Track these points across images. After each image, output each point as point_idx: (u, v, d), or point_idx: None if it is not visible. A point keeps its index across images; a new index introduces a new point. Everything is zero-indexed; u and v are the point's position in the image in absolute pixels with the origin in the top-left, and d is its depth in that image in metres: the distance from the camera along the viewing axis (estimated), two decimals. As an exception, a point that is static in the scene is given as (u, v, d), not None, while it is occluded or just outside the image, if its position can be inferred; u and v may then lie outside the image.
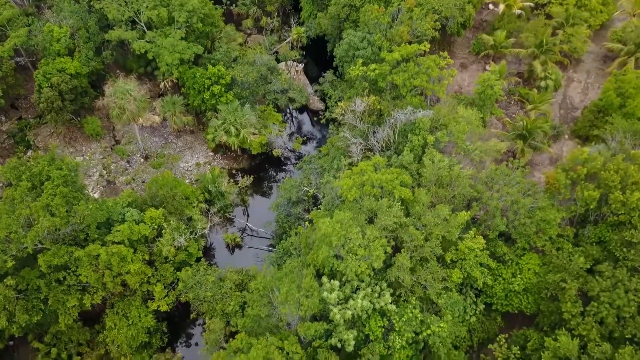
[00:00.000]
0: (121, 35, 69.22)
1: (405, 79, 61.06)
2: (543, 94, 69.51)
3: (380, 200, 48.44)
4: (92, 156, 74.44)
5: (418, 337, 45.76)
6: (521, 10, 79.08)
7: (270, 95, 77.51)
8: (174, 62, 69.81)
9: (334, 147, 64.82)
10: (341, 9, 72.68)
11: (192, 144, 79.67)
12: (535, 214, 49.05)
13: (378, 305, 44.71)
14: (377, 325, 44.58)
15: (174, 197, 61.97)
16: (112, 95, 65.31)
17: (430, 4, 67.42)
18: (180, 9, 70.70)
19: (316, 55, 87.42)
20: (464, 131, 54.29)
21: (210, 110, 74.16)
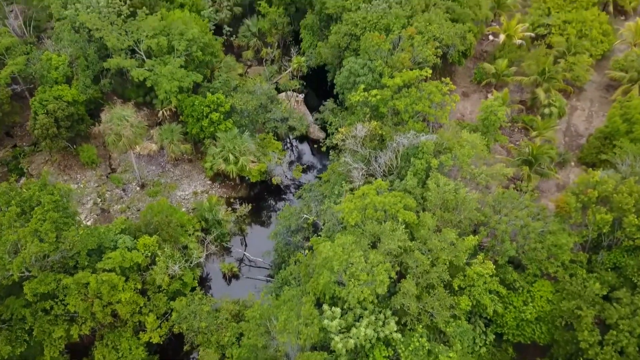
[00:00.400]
0: (120, 63, 68.74)
1: (407, 104, 60.03)
2: (547, 120, 68.45)
3: (384, 224, 46.33)
4: (87, 184, 72.69)
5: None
6: (522, 40, 79.15)
7: (270, 124, 76.50)
8: (173, 90, 69.08)
9: (334, 173, 63.16)
10: (341, 38, 72.59)
11: (190, 172, 78.12)
12: (546, 239, 46.82)
13: (382, 334, 41.92)
14: (381, 356, 41.64)
15: (169, 224, 59.79)
16: (108, 122, 64.18)
17: (431, 32, 67.24)
18: (180, 38, 70.55)
19: (316, 86, 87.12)
20: (468, 155, 52.74)
21: (208, 138, 72.96)
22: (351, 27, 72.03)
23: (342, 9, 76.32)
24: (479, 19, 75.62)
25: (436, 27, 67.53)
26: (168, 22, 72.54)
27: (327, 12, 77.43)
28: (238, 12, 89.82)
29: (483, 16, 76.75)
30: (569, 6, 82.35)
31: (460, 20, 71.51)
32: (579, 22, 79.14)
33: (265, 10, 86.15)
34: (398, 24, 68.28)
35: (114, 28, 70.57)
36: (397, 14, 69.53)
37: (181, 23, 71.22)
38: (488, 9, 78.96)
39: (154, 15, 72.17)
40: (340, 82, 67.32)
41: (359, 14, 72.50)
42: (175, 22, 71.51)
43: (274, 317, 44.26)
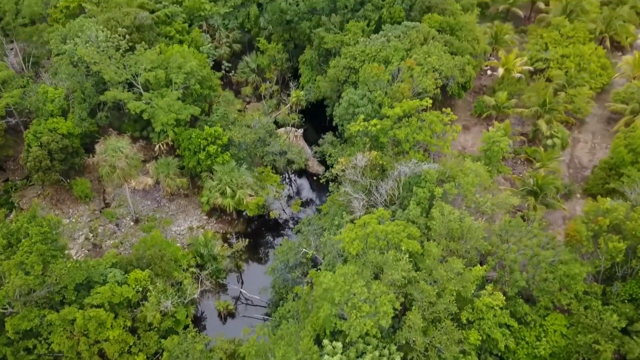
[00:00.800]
0: (117, 96, 68.06)
1: (408, 133, 58.94)
2: (550, 152, 67.26)
3: (386, 254, 44.09)
4: (79, 219, 70.55)
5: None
6: (520, 74, 79.10)
7: (269, 157, 75.21)
8: (170, 122, 68.11)
9: (334, 204, 61.31)
10: (340, 71, 72.32)
11: (186, 207, 76.17)
12: (557, 269, 44.50)
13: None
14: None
15: (162, 258, 57.38)
16: (102, 153, 62.77)
17: (430, 64, 66.97)
18: (178, 71, 70.22)
19: (315, 121, 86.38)
20: (473, 183, 51.09)
21: (205, 172, 71.48)
22: (350, 60, 71.91)
23: (340, 43, 76.60)
24: (477, 53, 75.73)
25: (435, 59, 67.34)
26: (166, 56, 72.50)
27: (325, 46, 77.65)
28: (237, 49, 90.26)
29: (481, 50, 76.92)
30: (565, 41, 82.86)
31: (459, 53, 71.52)
32: (577, 56, 79.38)
33: (264, 46, 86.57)
34: (397, 56, 68.15)
35: (112, 62, 70.34)
36: (396, 47, 69.54)
37: (179, 57, 71.09)
38: (486, 43, 79.25)
39: (152, 49, 72.11)
40: (340, 114, 66.48)
41: (357, 47, 72.56)
42: (174, 56, 71.41)
43: (270, 353, 41.34)
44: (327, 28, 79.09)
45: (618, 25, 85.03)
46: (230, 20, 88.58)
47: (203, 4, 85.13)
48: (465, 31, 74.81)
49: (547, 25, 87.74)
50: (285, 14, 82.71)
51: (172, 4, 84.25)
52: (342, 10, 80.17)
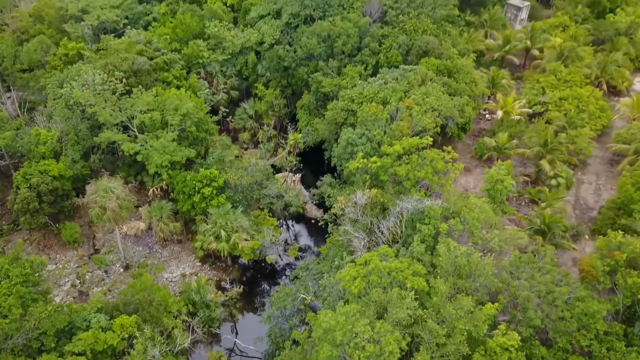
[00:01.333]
0: (111, 137, 66.78)
1: (409, 171, 57.22)
2: (556, 191, 65.36)
3: (390, 291, 41.10)
4: (66, 265, 67.32)
5: None
6: (519, 116, 78.62)
7: (265, 200, 73.07)
8: (164, 164, 66.47)
9: (334, 246, 58.60)
10: (338, 113, 71.68)
11: (179, 254, 73.13)
12: (574, 307, 41.38)
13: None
14: None
15: (150, 302, 53.90)
16: (93, 194, 60.58)
17: (429, 104, 66.37)
18: (174, 113, 69.39)
19: (313, 166, 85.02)
20: (479, 219, 48.78)
21: (200, 216, 69.11)
22: (347, 102, 71.44)
23: (338, 87, 76.51)
24: (475, 95, 75.51)
25: (434, 99, 66.82)
26: (163, 99, 71.93)
27: (323, 90, 77.51)
28: (235, 96, 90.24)
29: (479, 92, 76.80)
30: (562, 85, 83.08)
31: (457, 94, 71.19)
32: (575, 99, 79.26)
33: (262, 93, 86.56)
34: (395, 97, 67.68)
35: (107, 104, 69.63)
36: (394, 88, 69.23)
37: (176, 99, 70.52)
38: (484, 86, 79.31)
39: (148, 92, 71.64)
40: (338, 153, 65.06)
41: (355, 90, 72.34)
42: (170, 99, 70.83)
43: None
44: (324, 73, 79.30)
45: (613, 70, 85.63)
46: (228, 67, 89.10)
47: (201, 51, 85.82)
48: (462, 74, 74.94)
49: (543, 71, 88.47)
50: (283, 61, 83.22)
51: (171, 51, 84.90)
52: (339, 55, 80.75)
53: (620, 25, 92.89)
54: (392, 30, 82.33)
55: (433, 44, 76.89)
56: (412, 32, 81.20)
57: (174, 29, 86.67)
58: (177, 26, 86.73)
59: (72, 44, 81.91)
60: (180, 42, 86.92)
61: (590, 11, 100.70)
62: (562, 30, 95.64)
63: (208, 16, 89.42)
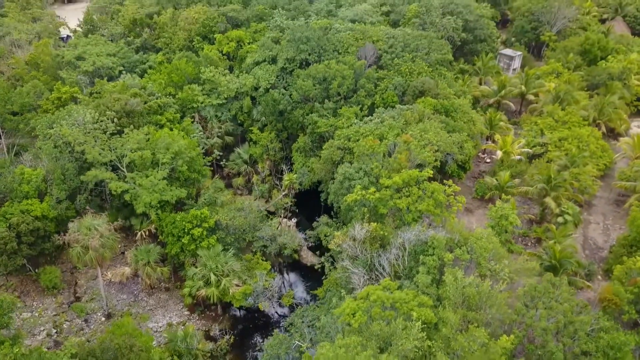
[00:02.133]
0: (98, 175, 64.15)
1: (409, 203, 54.37)
2: (564, 229, 62.19)
3: (394, 322, 37.08)
4: (43, 312, 62.49)
5: None
6: (520, 156, 76.87)
7: (258, 243, 69.49)
8: (153, 203, 63.43)
9: (331, 285, 54.56)
10: (334, 151, 69.71)
11: (166, 302, 68.49)
12: (599, 339, 37.25)
13: None
14: None
15: (131, 348, 49.07)
16: (75, 232, 57.04)
17: (427, 140, 64.63)
18: (165, 152, 67.27)
19: (309, 212, 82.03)
20: (486, 248, 45.44)
21: (189, 260, 65.28)
22: (344, 141, 69.69)
23: (334, 127, 75.08)
24: (473, 134, 74.04)
25: (432, 135, 65.16)
26: (154, 138, 70.07)
27: (318, 131, 76.05)
28: (230, 141, 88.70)
29: (478, 131, 75.42)
30: (561, 127, 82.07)
31: (456, 132, 69.65)
32: (575, 139, 77.92)
33: (257, 137, 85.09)
34: (392, 133, 66.05)
35: (97, 143, 67.63)
36: (391, 125, 67.78)
37: (168, 137, 68.64)
38: (483, 123, 78.08)
39: (140, 130, 69.87)
40: (335, 189, 62.37)
41: (351, 128, 70.87)
42: (162, 138, 68.95)
43: None
44: (320, 114, 78.21)
45: (611, 112, 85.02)
46: (222, 112, 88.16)
47: (196, 96, 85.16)
48: (460, 113, 73.88)
49: (540, 114, 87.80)
50: (278, 104, 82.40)
51: (166, 95, 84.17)
52: (334, 97, 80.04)
53: (613, 71, 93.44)
54: (388, 72, 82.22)
55: (429, 84, 76.44)
56: (407, 75, 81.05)
57: (169, 74, 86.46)
58: (172, 71, 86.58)
59: (65, 88, 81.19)
60: (175, 87, 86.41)
61: (581, 59, 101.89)
62: (555, 77, 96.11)
63: (204, 63, 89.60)
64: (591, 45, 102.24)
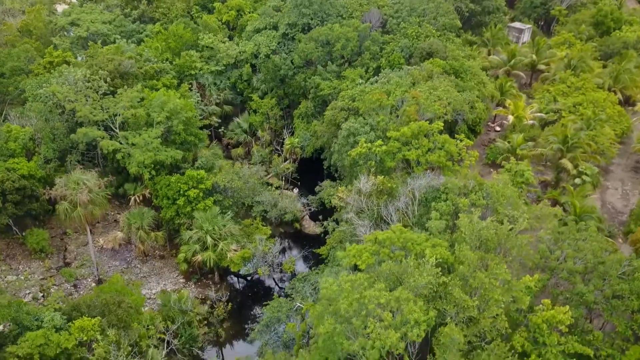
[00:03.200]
0: (89, 133, 60.73)
1: (419, 155, 50.74)
2: (582, 188, 58.48)
3: (406, 260, 33.49)
4: (30, 276, 59.00)
5: None
6: (533, 121, 73.16)
7: (258, 208, 65.98)
8: (147, 162, 59.92)
9: (335, 241, 50.99)
10: (338, 112, 66.14)
11: (161, 270, 65.05)
12: (634, 280, 33.54)
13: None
14: None
15: (119, 304, 45.55)
16: (61, 186, 53.53)
17: (436, 97, 60.98)
18: (160, 110, 63.80)
19: (311, 183, 78.44)
20: (503, 194, 41.80)
21: (184, 225, 61.73)
22: (348, 101, 66.11)
23: (337, 91, 71.53)
24: (484, 96, 70.37)
25: (442, 92, 61.52)
26: (149, 99, 66.65)
27: (321, 94, 72.56)
28: (229, 110, 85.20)
29: (489, 93, 71.74)
30: (575, 93, 78.31)
31: (466, 91, 65.97)
32: (591, 103, 74.14)
33: (257, 104, 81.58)
34: (399, 90, 62.42)
35: (88, 102, 64.23)
36: (398, 83, 64.18)
37: (163, 96, 65.19)
38: (493, 88, 74.36)
39: (133, 88, 66.42)
40: (338, 147, 58.74)
41: (356, 89, 67.30)
42: (157, 97, 65.51)
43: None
44: (323, 77, 74.69)
45: (627, 79, 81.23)
46: (222, 80, 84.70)
47: (194, 62, 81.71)
48: (470, 74, 70.23)
49: (552, 82, 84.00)
50: (280, 69, 78.92)
51: (162, 62, 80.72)
52: (338, 60, 76.56)
53: (628, 39, 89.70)
54: (394, 36, 78.71)
55: (437, 45, 72.91)
56: (414, 38, 77.49)
57: (166, 39, 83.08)
58: (169, 37, 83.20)
59: (57, 52, 77.77)
60: (172, 53, 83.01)
61: (594, 31, 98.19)
62: (567, 47, 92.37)
63: (203, 30, 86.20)
64: (604, 16, 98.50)
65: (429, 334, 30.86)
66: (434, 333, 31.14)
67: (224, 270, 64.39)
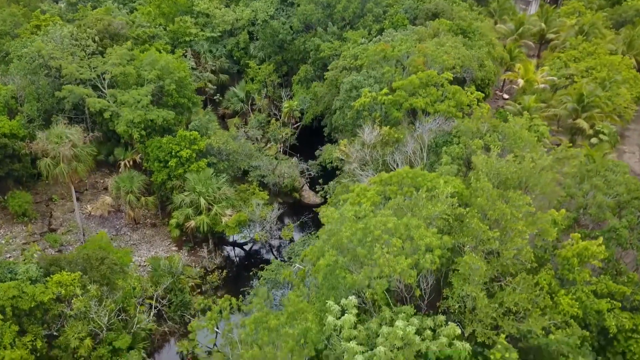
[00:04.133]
0: (74, 90, 57.12)
1: (428, 104, 47.10)
2: (599, 146, 54.85)
3: (416, 194, 29.87)
4: (11, 240, 55.40)
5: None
6: (545, 84, 69.50)
7: (255, 172, 62.41)
8: (136, 121, 56.27)
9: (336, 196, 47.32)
10: (340, 72, 62.58)
11: (152, 238, 61.42)
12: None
13: (434, 347, 22.77)
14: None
15: (102, 260, 41.96)
16: (43, 140, 49.90)
17: (444, 51, 57.28)
18: (150, 68, 60.17)
19: (310, 153, 74.95)
20: (521, 136, 38.20)
21: (177, 190, 58.07)
22: (350, 60, 62.50)
23: (338, 52, 67.88)
24: (494, 58, 66.72)
25: (450, 47, 57.86)
26: (140, 58, 63.04)
27: (322, 55, 68.91)
28: (225, 79, 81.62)
29: (498, 55, 68.10)
30: (587, 58, 74.68)
31: (475, 49, 62.34)
32: (605, 66, 70.47)
33: (254, 72, 77.93)
34: (404, 44, 58.75)
35: (75, 59, 60.63)
36: (403, 39, 60.52)
37: (153, 53, 61.56)
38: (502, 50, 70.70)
39: (123, 46, 62.80)
40: (341, 102, 55.10)
41: (358, 47, 63.67)
42: (148, 55, 61.91)
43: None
44: (323, 40, 71.09)
45: (642, 44, 77.65)
46: (217, 48, 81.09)
47: (188, 28, 78.08)
48: (478, 35, 66.58)
49: (562, 50, 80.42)
50: (278, 34, 75.30)
51: (155, 27, 77.07)
52: (339, 22, 72.94)
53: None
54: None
55: (443, 6, 69.31)
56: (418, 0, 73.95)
57: (159, 5, 79.45)
58: (162, 2, 79.54)
59: (45, 16, 74.17)
60: (165, 18, 79.39)
61: (604, 1, 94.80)
62: (577, 17, 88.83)
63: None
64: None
65: (442, 275, 27.06)
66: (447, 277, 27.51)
67: (219, 239, 60.96)
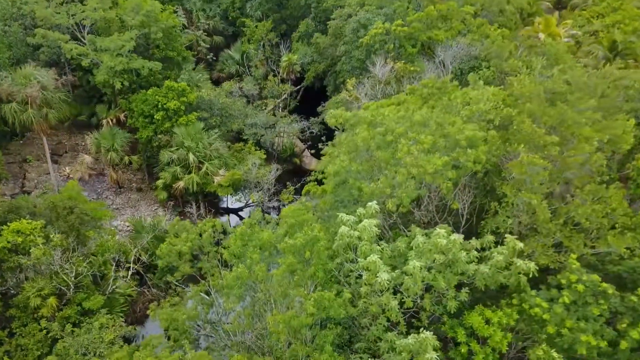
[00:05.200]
0: (48, 35, 51.09)
1: (449, 37, 41.07)
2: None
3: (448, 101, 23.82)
4: (-24, 201, 49.33)
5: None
6: (569, 38, 63.41)
7: (250, 130, 56.44)
8: (118, 67, 50.19)
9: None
10: (344, 20, 56.47)
11: (137, 202, 55.41)
12: None
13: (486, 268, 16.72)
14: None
15: (71, 209, 35.92)
16: (9, 82, 43.83)
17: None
18: (134, 15, 54.10)
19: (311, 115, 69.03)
20: (563, 57, 32.20)
21: (165, 146, 52.11)
22: (356, 7, 56.41)
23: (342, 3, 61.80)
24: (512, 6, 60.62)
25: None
26: (123, 7, 57.00)
27: (324, 6, 62.87)
28: (219, 41, 75.65)
29: (518, 5, 62.02)
30: (611, 14, 68.63)
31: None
32: (633, 20, 64.37)
33: (251, 32, 71.87)
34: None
35: (50, 5, 54.62)
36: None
37: None
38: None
39: (103, -8, 56.73)
40: (346, 46, 48.98)
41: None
42: (131, 1, 55.85)
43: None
44: (326, -8, 65.05)
45: (672, 0, 71.48)
46: (211, 8, 75.13)
47: (179, -17, 72.20)
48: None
49: (585, 6, 74.39)
50: (277, -11, 69.39)
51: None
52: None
53: (667, -35, 79.99)
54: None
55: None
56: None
57: (148, -41, 73.22)
58: (150, -44, 73.32)
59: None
60: (154, -26, 73.19)
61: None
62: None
63: (189, -50, 76.57)
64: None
65: (485, 187, 20.72)
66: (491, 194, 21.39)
67: (211, 204, 55.11)
